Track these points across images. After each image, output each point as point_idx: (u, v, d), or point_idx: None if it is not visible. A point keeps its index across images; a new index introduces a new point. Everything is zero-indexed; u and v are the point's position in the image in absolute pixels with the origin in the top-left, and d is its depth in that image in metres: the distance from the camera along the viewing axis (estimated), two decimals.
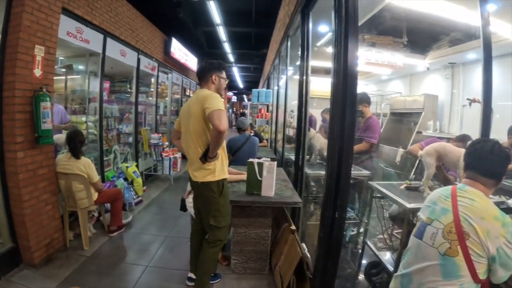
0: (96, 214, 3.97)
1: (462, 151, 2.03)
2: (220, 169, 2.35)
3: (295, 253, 2.41)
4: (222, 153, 2.38)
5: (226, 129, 2.09)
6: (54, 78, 3.30)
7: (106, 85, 5.07)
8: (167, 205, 5.14)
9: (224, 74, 2.51)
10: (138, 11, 5.83)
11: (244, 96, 31.28)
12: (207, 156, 2.24)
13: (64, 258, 3.21)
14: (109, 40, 4.68)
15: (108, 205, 3.92)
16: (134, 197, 4.87)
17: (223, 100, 2.33)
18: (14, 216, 2.94)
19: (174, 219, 4.36)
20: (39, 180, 3.05)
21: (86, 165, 3.44)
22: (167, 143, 7.04)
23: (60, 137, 3.71)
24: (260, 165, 2.66)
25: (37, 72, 2.95)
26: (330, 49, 2.12)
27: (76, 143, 3.42)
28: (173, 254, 3.44)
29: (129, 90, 6.13)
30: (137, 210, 4.72)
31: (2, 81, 2.77)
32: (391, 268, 2.35)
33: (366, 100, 3.85)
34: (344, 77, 1.81)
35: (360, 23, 4.01)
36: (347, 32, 1.80)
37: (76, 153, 3.41)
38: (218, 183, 2.33)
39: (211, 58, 2.73)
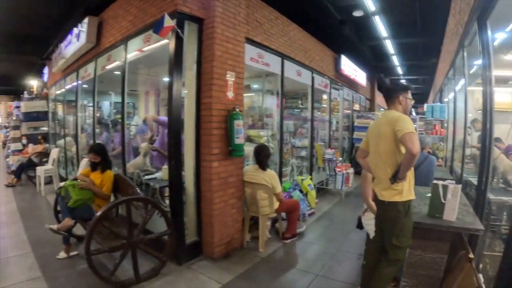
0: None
1: None
2: (408, 190, 2.34)
3: (471, 283, 2.17)
4: (410, 174, 2.36)
5: (419, 152, 2.11)
6: None
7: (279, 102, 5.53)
8: (338, 219, 5.07)
9: (410, 95, 2.51)
10: (308, 33, 6.17)
11: (412, 109, 27.55)
12: (396, 176, 2.25)
13: (240, 256, 3.58)
14: (286, 62, 5.16)
15: (283, 214, 4.16)
16: (308, 208, 5.02)
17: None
18: (203, 216, 3.49)
19: (345, 234, 4.27)
20: (228, 187, 3.56)
21: (271, 177, 3.78)
22: (340, 158, 7.04)
23: (248, 150, 4.23)
24: (445, 187, 2.52)
25: (230, 94, 3.50)
26: None
27: (262, 157, 3.84)
28: (342, 267, 3.40)
29: (300, 106, 6.49)
30: (309, 221, 4.84)
31: (199, 103, 3.42)
32: None
33: None
34: None
35: None
36: None
37: (263, 165, 3.82)
38: (404, 203, 2.32)
39: (378, 72, 2.64)
